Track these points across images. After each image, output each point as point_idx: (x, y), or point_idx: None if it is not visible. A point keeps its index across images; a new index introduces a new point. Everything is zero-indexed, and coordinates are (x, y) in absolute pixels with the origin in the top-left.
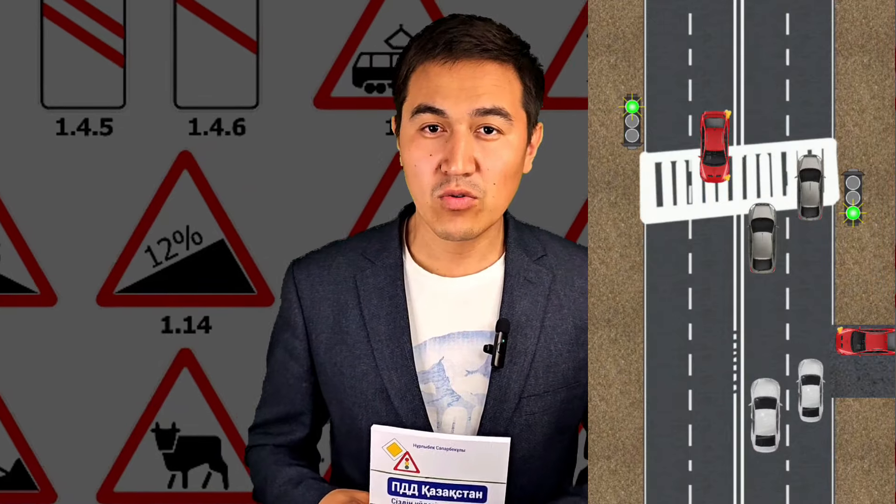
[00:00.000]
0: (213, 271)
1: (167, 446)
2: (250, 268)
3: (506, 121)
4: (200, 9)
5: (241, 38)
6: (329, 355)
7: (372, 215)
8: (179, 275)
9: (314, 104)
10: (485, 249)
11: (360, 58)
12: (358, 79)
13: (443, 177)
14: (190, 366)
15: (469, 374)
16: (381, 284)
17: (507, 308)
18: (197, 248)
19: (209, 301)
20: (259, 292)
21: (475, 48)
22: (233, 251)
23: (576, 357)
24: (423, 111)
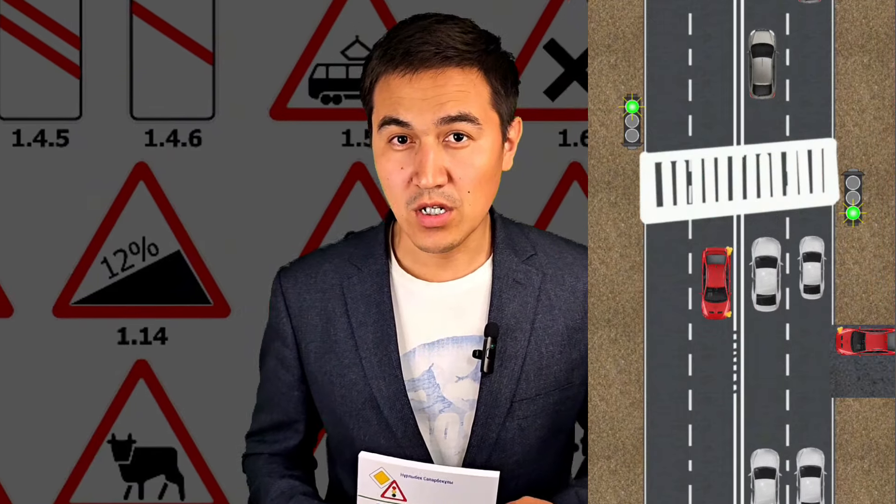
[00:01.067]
0: (169, 282)
1: (123, 457)
2: (206, 279)
3: (474, 126)
4: (157, 20)
5: (198, 50)
6: (319, 364)
7: (328, 226)
8: (136, 286)
9: (270, 115)
10: (472, 252)
11: (317, 69)
12: (314, 90)
13: (415, 189)
14: (146, 377)
15: (459, 379)
16: (367, 292)
17: (496, 311)
18: (153, 259)
19: (165, 312)
20: (215, 303)
21: (434, 56)
22: (189, 262)
23: (568, 358)
24: (388, 123)
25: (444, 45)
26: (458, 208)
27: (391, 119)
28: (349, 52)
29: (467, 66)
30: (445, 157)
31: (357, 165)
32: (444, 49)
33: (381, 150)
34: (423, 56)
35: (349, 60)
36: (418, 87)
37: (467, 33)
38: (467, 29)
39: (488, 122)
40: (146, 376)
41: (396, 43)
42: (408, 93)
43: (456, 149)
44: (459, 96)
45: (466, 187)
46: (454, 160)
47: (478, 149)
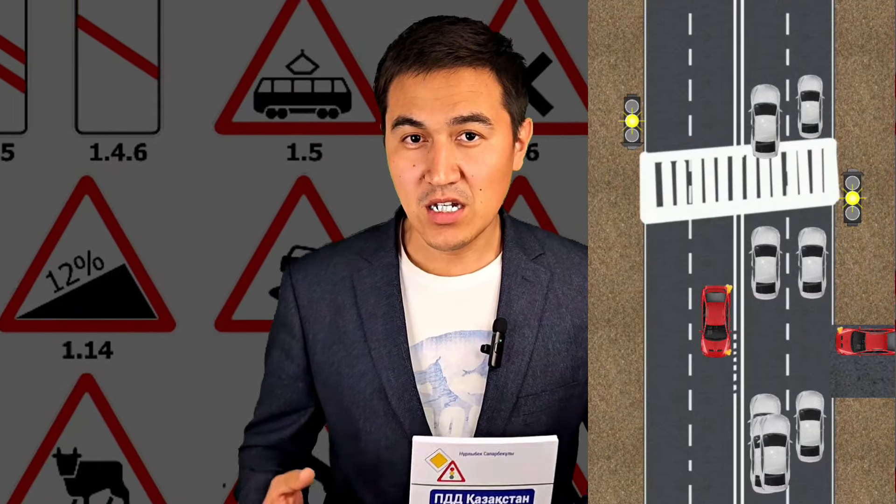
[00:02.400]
0: (114, 296)
1: (68, 472)
2: (151, 293)
3: (486, 126)
4: (102, 34)
5: (143, 64)
6: (326, 355)
7: (274, 240)
8: (81, 300)
9: (216, 129)
10: (482, 249)
11: (262, 83)
12: (259, 104)
13: (427, 186)
14: (91, 391)
15: (466, 373)
16: (377, 284)
17: (505, 307)
18: (98, 273)
19: (111, 326)
20: (160, 317)
21: (447, 56)
22: (134, 276)
23: (574, 356)
24: (402, 123)
25: (456, 46)
26: (470, 205)
27: (405, 119)
28: (294, 66)
29: (479, 66)
30: (458, 154)
31: (302, 179)
32: (457, 49)
33: (394, 149)
34: (436, 56)
35: (294, 74)
36: (431, 86)
37: (479, 34)
38: (479, 30)
39: (500, 122)
40: (91, 390)
41: (410, 44)
42: (421, 93)
43: (468, 147)
44: (471, 97)
45: (478, 185)
46: (466, 158)
47: (489, 148)
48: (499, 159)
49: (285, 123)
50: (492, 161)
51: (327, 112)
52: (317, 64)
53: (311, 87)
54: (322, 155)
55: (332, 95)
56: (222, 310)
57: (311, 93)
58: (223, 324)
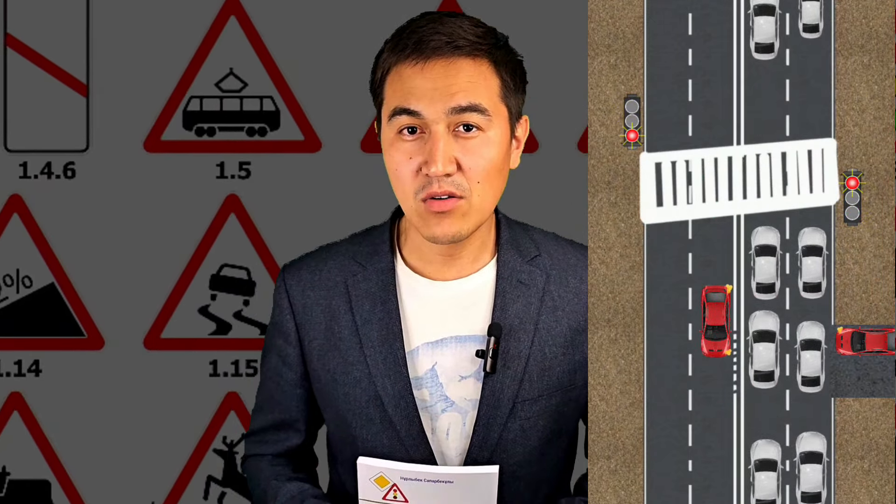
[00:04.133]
0: (43, 315)
1: None
2: (80, 312)
3: (484, 117)
4: (30, 52)
5: (71, 82)
6: (322, 362)
7: (202, 258)
8: (9, 318)
9: (144, 147)
10: (476, 251)
11: (191, 101)
12: (188, 122)
13: (424, 179)
14: (20, 409)
15: (462, 379)
16: (372, 289)
17: (500, 311)
18: (27, 291)
19: (39, 345)
20: (89, 336)
21: (446, 45)
22: (63, 295)
23: (571, 359)
24: (399, 114)
25: (455, 36)
26: (467, 198)
27: (402, 109)
28: (223, 84)
29: (478, 56)
30: (455, 146)
31: (231, 197)
32: (456, 39)
33: (391, 141)
34: (434, 45)
35: (223, 93)
36: (429, 76)
37: (478, 27)
38: (478, 23)
39: (498, 115)
40: (20, 408)
41: (408, 34)
42: (419, 82)
43: (466, 139)
44: (469, 87)
45: (476, 178)
46: (464, 150)
47: (487, 140)
48: (496, 153)
49: (214, 142)
50: (489, 154)
51: (256, 130)
52: (245, 82)
53: (240, 105)
54: (251, 173)
55: (261, 114)
56: (151, 328)
57: (239, 111)
58: (152, 342)
